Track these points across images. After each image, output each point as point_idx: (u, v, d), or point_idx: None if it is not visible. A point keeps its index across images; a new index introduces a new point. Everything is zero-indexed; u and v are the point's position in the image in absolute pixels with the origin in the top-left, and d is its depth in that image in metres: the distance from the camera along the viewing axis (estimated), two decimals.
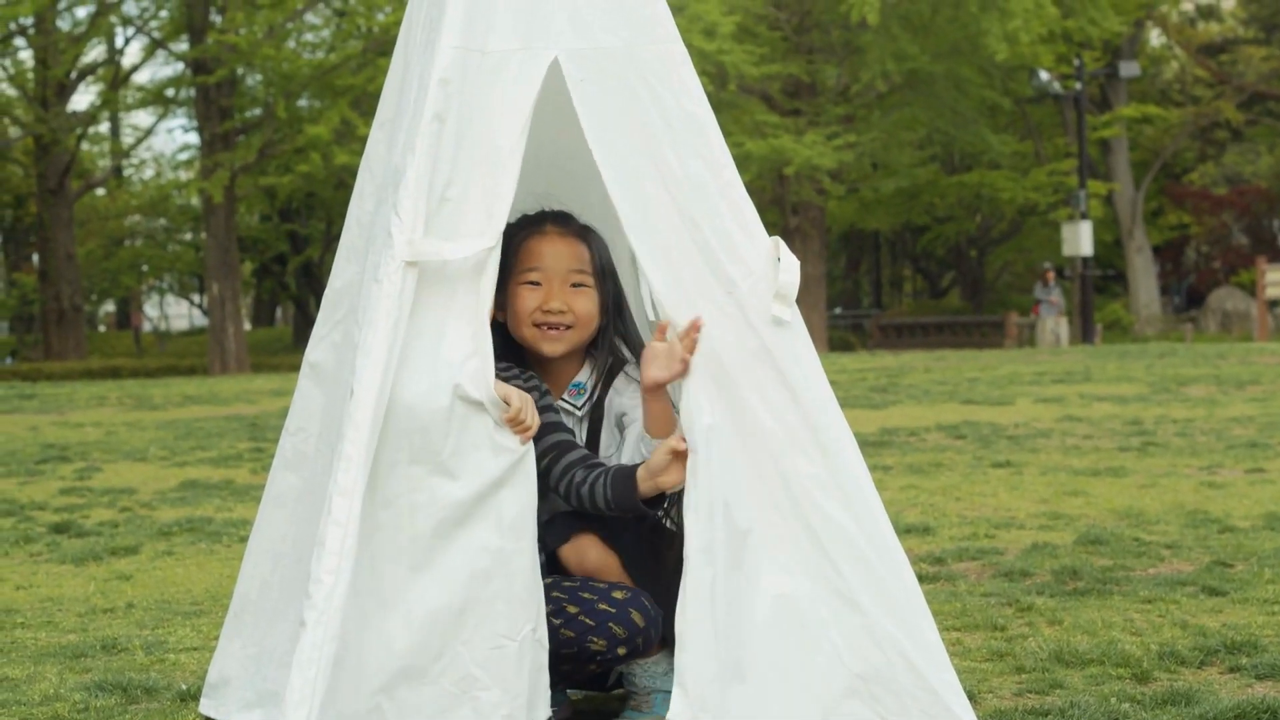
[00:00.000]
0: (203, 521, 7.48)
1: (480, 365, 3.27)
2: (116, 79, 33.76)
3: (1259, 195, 41.89)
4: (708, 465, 3.34)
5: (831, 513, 3.37)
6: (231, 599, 3.68)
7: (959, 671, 3.50)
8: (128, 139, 42.71)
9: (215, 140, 30.41)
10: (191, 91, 31.99)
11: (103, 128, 41.91)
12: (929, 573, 5.58)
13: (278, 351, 39.78)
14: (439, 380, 3.24)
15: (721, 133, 3.46)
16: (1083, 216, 32.90)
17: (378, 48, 28.89)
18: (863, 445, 4.25)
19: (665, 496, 3.46)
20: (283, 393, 17.84)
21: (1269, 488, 7.73)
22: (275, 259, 44.59)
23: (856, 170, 34.08)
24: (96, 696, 4.07)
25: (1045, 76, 33.02)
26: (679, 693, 3.26)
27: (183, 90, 33.06)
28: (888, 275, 55.52)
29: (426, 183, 3.26)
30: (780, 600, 3.36)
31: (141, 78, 48.26)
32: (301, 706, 3.01)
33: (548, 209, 3.72)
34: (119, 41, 34.35)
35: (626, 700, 3.64)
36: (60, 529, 7.40)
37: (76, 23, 32.97)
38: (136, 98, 35.25)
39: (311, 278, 42.94)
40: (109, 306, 54.56)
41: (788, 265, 3.40)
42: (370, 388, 3.17)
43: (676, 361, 3.37)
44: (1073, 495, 7.62)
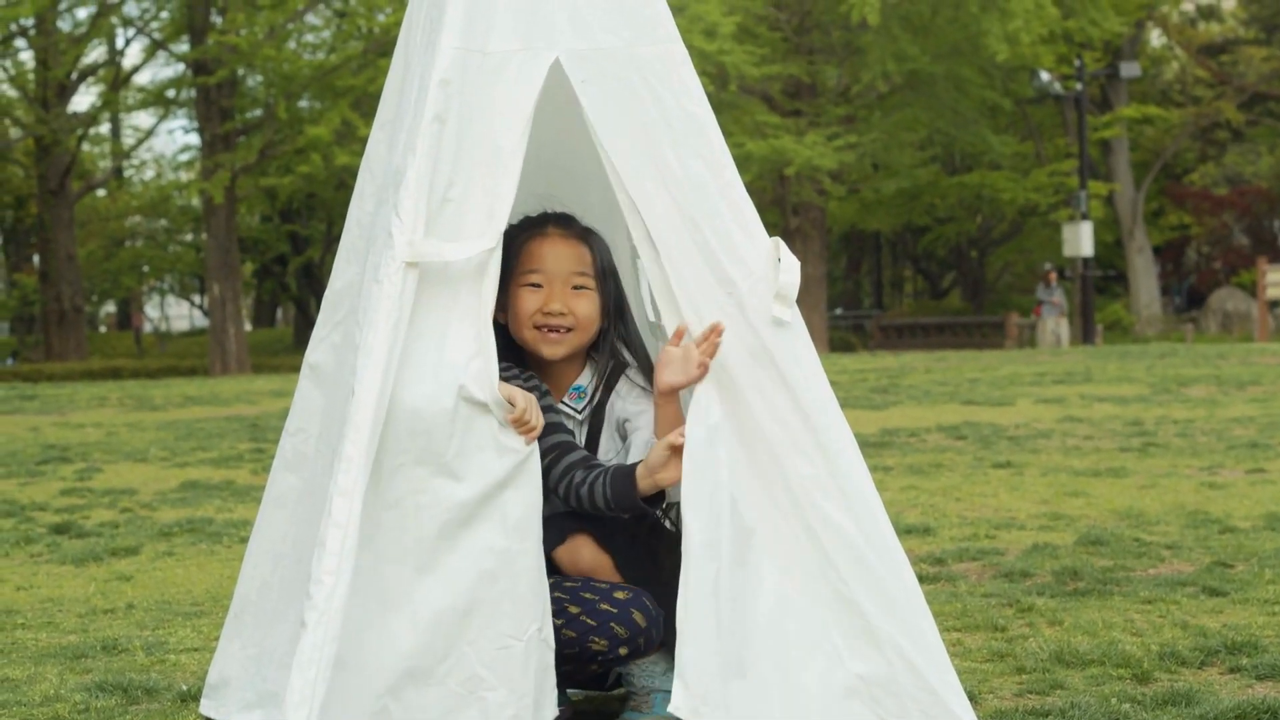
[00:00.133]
0: (203, 522, 7.48)
1: (484, 366, 3.26)
2: (117, 80, 33.78)
3: (1260, 196, 41.89)
4: (716, 461, 3.34)
5: (832, 513, 3.37)
6: (232, 600, 3.68)
7: (959, 672, 3.51)
8: (128, 140, 42.75)
9: (216, 141, 30.42)
10: (192, 92, 32.01)
11: (103, 129, 41.99)
12: (929, 573, 5.58)
13: (278, 352, 39.79)
14: (443, 382, 3.24)
15: (722, 133, 3.46)
16: (1083, 217, 32.91)
17: (378, 48, 28.89)
18: (863, 446, 4.25)
19: (664, 495, 3.46)
20: (283, 393, 17.84)
21: (1269, 488, 7.73)
22: (276, 260, 44.62)
23: (857, 171, 34.08)
24: (97, 697, 4.08)
25: (1046, 77, 33.03)
26: (680, 686, 3.25)
27: (183, 91, 33.07)
28: (888, 276, 55.52)
29: (427, 183, 3.26)
30: (781, 600, 3.36)
31: (142, 79, 48.17)
32: (301, 707, 3.01)
33: (550, 210, 3.71)
34: (120, 42, 34.41)
35: (626, 700, 3.64)
36: (61, 530, 7.40)
37: (77, 24, 32.98)
38: (137, 99, 35.27)
39: (312, 279, 42.96)
40: (110, 307, 54.57)
41: (788, 266, 3.40)
42: (371, 389, 3.17)
43: (694, 366, 3.37)
44: (1073, 496, 7.62)
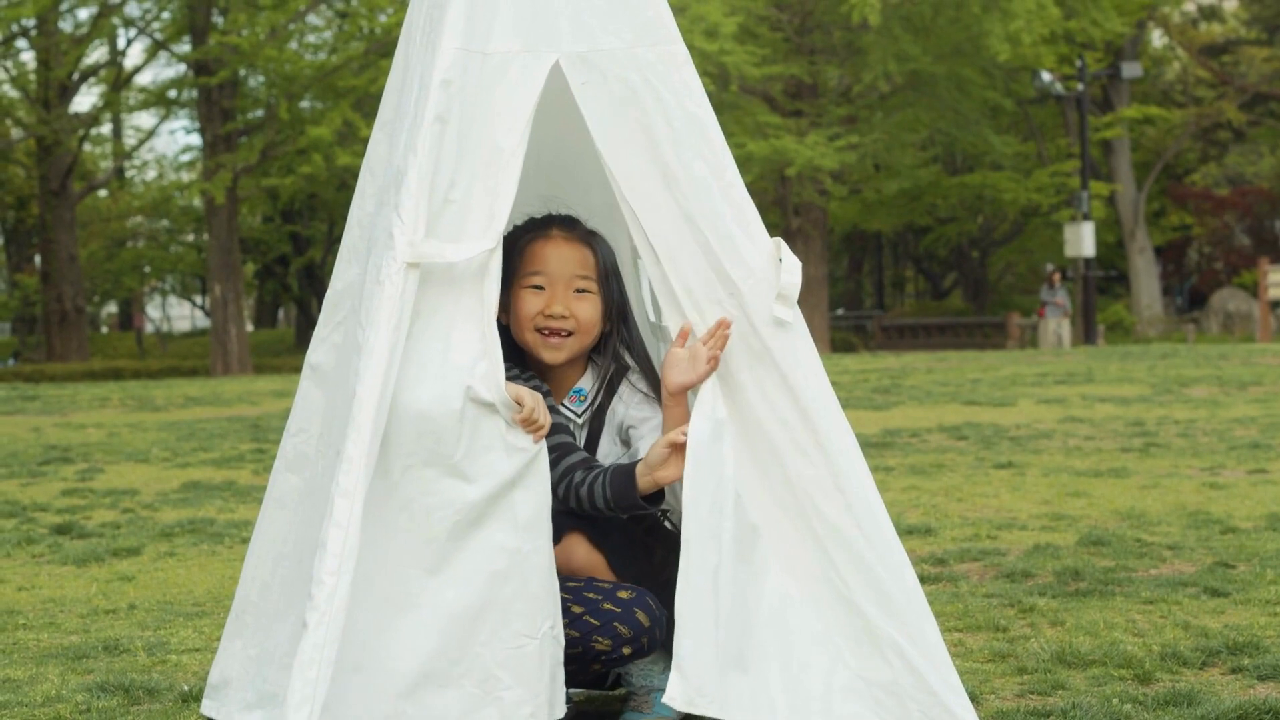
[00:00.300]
0: (204, 523, 7.48)
1: (490, 367, 3.27)
2: (119, 80, 33.79)
3: (1261, 196, 41.87)
4: (721, 456, 3.34)
5: (832, 514, 3.37)
6: (233, 600, 3.68)
7: (961, 672, 3.51)
8: (130, 140, 42.73)
9: (217, 141, 30.43)
10: (193, 93, 32.03)
11: (105, 129, 41.96)
12: (931, 574, 5.58)
13: (280, 353, 39.79)
14: (450, 383, 3.24)
15: (723, 133, 3.46)
16: (1085, 217, 32.90)
17: (380, 49, 28.90)
18: (865, 446, 4.25)
19: (664, 494, 3.46)
20: (284, 394, 17.85)
21: (1271, 488, 7.73)
22: (277, 260, 44.62)
23: (858, 171, 34.06)
24: (98, 697, 4.08)
25: (1047, 77, 33.02)
26: (676, 676, 3.24)
27: (185, 92, 33.08)
28: (890, 276, 55.50)
29: (428, 184, 3.26)
30: (783, 600, 3.36)
31: (143, 79, 48.14)
32: (302, 708, 3.01)
33: (554, 212, 3.70)
34: (121, 43, 34.43)
35: (627, 700, 3.64)
36: (62, 530, 7.40)
37: (79, 24, 32.99)
38: (138, 99, 35.25)
39: (313, 279, 42.96)
40: (111, 308, 54.58)
41: (789, 266, 3.41)
42: (372, 389, 3.17)
43: (702, 363, 3.39)
44: (1075, 496, 7.61)
